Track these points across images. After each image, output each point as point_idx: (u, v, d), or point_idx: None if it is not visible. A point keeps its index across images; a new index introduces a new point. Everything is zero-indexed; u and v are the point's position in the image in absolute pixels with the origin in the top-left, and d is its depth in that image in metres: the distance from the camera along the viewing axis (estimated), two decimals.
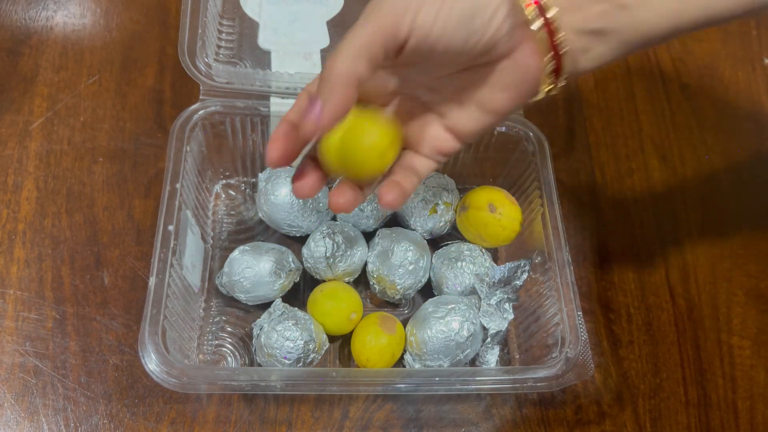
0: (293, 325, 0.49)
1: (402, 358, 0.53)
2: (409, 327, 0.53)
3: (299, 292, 0.56)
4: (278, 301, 0.51)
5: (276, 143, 0.37)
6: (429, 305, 0.52)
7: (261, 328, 0.50)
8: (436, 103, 0.41)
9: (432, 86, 0.40)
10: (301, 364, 0.49)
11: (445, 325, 0.50)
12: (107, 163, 0.59)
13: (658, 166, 0.67)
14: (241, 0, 0.58)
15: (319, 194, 0.56)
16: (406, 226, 0.58)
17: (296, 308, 0.52)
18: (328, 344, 0.52)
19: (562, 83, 0.38)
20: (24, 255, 0.55)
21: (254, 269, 0.52)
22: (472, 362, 0.53)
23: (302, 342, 0.49)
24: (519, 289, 0.52)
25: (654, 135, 0.68)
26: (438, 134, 0.42)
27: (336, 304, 0.52)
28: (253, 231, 0.59)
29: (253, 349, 0.51)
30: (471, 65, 0.38)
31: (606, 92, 0.70)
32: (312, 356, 0.50)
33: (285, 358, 0.49)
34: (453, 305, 0.52)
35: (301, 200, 0.55)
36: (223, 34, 0.58)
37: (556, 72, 0.37)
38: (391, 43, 0.34)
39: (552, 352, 0.49)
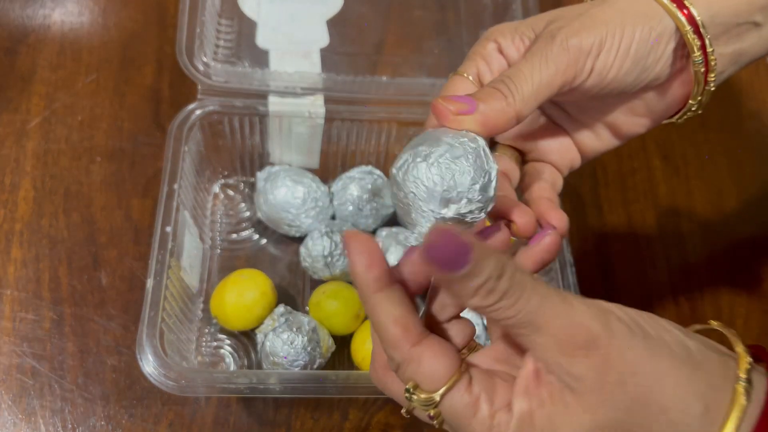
0: (298, 331, 0.49)
1: None
2: None
3: (299, 294, 0.56)
4: (280, 306, 0.51)
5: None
6: None
7: (265, 336, 0.49)
8: (566, 121, 0.39)
9: (566, 107, 0.39)
10: (307, 369, 0.49)
11: None
12: (105, 162, 0.59)
13: (661, 165, 0.66)
14: None
15: (318, 193, 0.56)
16: (405, 226, 0.58)
17: (299, 312, 0.51)
18: (334, 347, 0.52)
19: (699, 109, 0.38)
20: (21, 255, 0.54)
21: None
22: None
23: (308, 349, 0.49)
24: None
25: (656, 134, 0.68)
26: (570, 147, 0.40)
27: (341, 303, 0.52)
28: (252, 231, 0.58)
29: (258, 356, 0.51)
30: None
31: None
32: (318, 361, 0.50)
33: (292, 366, 0.48)
34: None
35: (299, 199, 0.55)
36: (222, 33, 0.58)
37: (701, 98, 0.37)
38: (567, 86, 0.33)
39: None
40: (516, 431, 0.27)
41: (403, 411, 0.30)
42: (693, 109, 0.37)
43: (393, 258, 0.53)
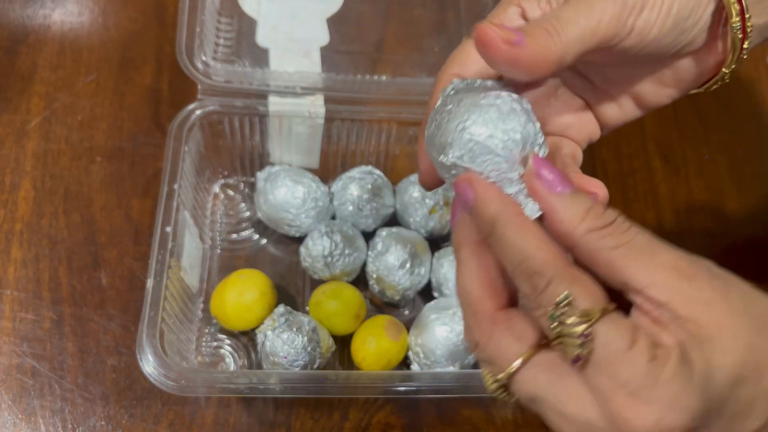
0: (298, 331, 0.49)
1: (408, 368, 0.52)
2: (411, 336, 0.52)
3: (299, 294, 0.56)
4: (280, 306, 0.51)
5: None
6: (430, 312, 0.52)
7: (265, 336, 0.49)
8: (589, 91, 0.37)
9: (590, 76, 0.37)
10: (307, 369, 0.49)
11: (450, 331, 0.50)
12: (105, 162, 0.59)
13: (661, 165, 0.66)
14: None
15: (318, 193, 0.56)
16: (406, 226, 0.58)
17: (299, 312, 0.51)
18: (334, 347, 0.52)
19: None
20: (21, 255, 0.54)
21: None
22: (476, 364, 0.53)
23: (308, 349, 0.49)
24: None
25: (656, 134, 0.68)
26: (590, 120, 0.38)
27: (341, 303, 0.52)
28: (252, 231, 0.58)
29: (259, 356, 0.51)
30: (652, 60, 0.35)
31: None
32: (318, 361, 0.50)
33: (292, 366, 0.48)
34: (454, 309, 0.51)
35: (299, 199, 0.54)
36: (221, 33, 0.58)
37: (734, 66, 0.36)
38: (606, 43, 0.31)
39: None
40: (677, 364, 0.24)
41: (495, 378, 0.27)
42: (726, 78, 0.37)
43: (393, 258, 0.53)
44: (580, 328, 0.25)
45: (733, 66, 0.36)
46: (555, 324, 0.26)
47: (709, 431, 0.25)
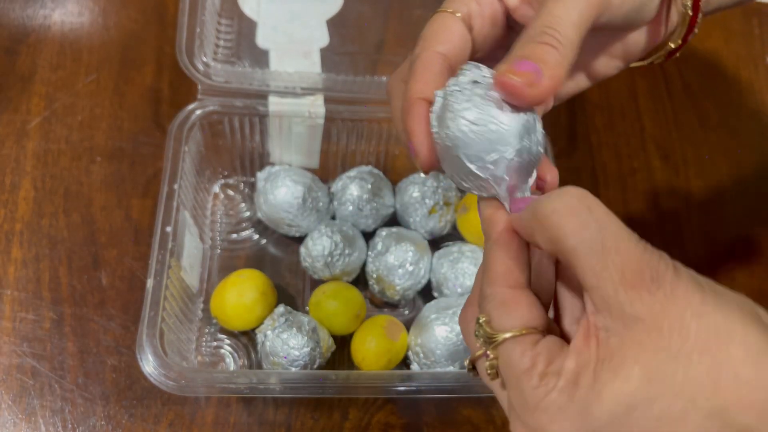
0: (298, 331, 0.49)
1: (408, 368, 0.52)
2: (411, 336, 0.52)
3: (299, 294, 0.56)
4: (280, 306, 0.51)
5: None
6: (430, 312, 0.52)
7: (265, 336, 0.49)
8: None
9: None
10: (307, 369, 0.49)
11: (450, 331, 0.50)
12: (105, 162, 0.59)
13: (660, 165, 0.66)
14: None
15: (318, 193, 0.56)
16: (406, 226, 0.58)
17: (299, 312, 0.51)
18: (334, 347, 0.52)
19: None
20: (21, 255, 0.54)
21: None
22: None
23: (308, 349, 0.49)
24: None
25: (656, 134, 0.68)
26: None
27: (341, 303, 0.52)
28: (252, 231, 0.58)
29: (258, 356, 0.51)
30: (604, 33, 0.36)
31: (608, 91, 0.70)
32: (318, 361, 0.50)
33: (292, 366, 0.48)
34: (454, 309, 0.51)
35: (300, 200, 0.55)
36: (222, 33, 0.58)
37: (683, 41, 0.36)
38: (594, 23, 0.32)
39: None
40: (562, 390, 0.25)
41: (466, 361, 0.30)
42: (677, 54, 0.37)
43: (393, 258, 0.53)
44: (485, 347, 0.28)
45: (680, 41, 0.36)
46: (477, 326, 0.28)
47: None
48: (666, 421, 0.23)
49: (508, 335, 0.27)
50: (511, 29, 0.36)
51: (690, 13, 0.35)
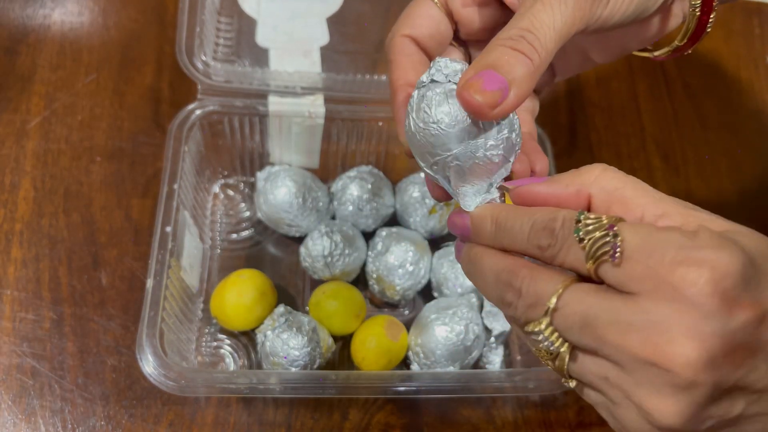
0: (298, 331, 0.49)
1: (408, 368, 0.52)
2: (411, 336, 0.52)
3: (299, 294, 0.56)
4: (280, 306, 0.51)
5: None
6: (429, 312, 0.52)
7: (265, 336, 0.49)
8: None
9: None
10: (307, 370, 0.49)
11: (450, 331, 0.50)
12: (105, 162, 0.59)
13: (660, 165, 0.66)
14: None
15: (318, 193, 0.56)
16: (406, 226, 0.58)
17: (299, 312, 0.51)
18: (334, 347, 0.52)
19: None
20: (21, 255, 0.54)
21: None
22: (476, 364, 0.53)
23: (308, 349, 0.48)
24: None
25: (656, 134, 0.68)
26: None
27: (341, 303, 0.52)
28: (252, 231, 0.58)
29: (258, 356, 0.51)
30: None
31: (608, 91, 0.70)
32: (318, 361, 0.50)
33: (292, 366, 0.48)
34: (454, 309, 0.51)
35: (300, 200, 0.54)
36: (221, 32, 0.58)
37: (693, 39, 0.36)
38: (579, 30, 0.31)
39: None
40: (707, 230, 0.25)
41: (549, 306, 0.26)
42: (687, 52, 0.37)
43: (393, 258, 0.53)
44: (606, 225, 0.25)
45: (685, 40, 0.36)
46: (582, 235, 0.25)
47: (764, 293, 0.24)
48: None
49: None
50: (503, 7, 0.36)
51: (697, 12, 0.34)
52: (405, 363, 0.53)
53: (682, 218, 0.26)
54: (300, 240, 0.56)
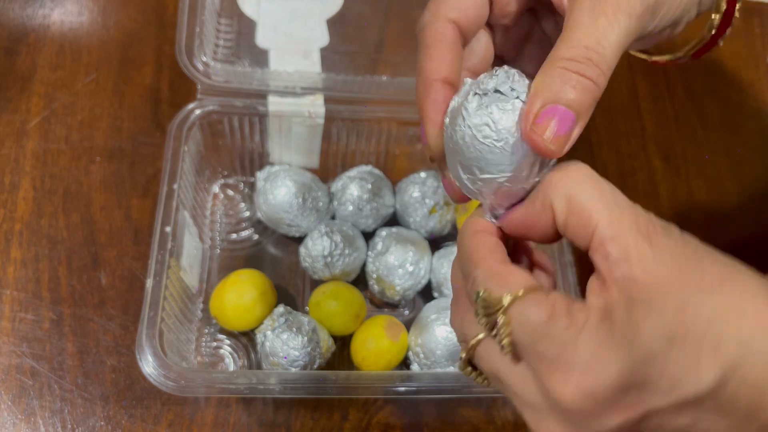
0: (298, 331, 0.49)
1: (408, 368, 0.52)
2: (411, 336, 0.52)
3: (299, 294, 0.56)
4: (280, 306, 0.51)
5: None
6: (430, 312, 0.52)
7: (265, 336, 0.49)
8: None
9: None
10: (307, 370, 0.49)
11: (450, 331, 0.50)
12: (105, 162, 0.59)
13: (661, 165, 0.66)
14: None
15: (318, 193, 0.56)
16: (406, 226, 0.58)
17: (299, 312, 0.51)
18: (334, 347, 0.51)
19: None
20: (21, 255, 0.54)
21: None
22: None
23: (308, 349, 0.48)
24: None
25: (657, 134, 0.68)
26: None
27: (341, 303, 0.52)
28: (252, 231, 0.58)
29: (258, 357, 0.51)
30: None
31: (608, 91, 0.69)
32: (318, 362, 0.50)
33: (292, 366, 0.48)
34: None
35: (300, 200, 0.54)
36: (221, 33, 0.58)
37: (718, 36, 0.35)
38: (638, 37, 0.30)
39: None
40: (596, 325, 0.24)
41: (460, 357, 0.28)
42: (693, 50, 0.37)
43: (393, 258, 0.53)
44: (495, 317, 0.26)
45: (708, 38, 0.36)
46: (479, 317, 0.27)
47: (650, 394, 0.24)
48: (705, 345, 0.23)
49: (515, 294, 0.25)
50: None
51: (724, 6, 0.34)
52: (405, 363, 0.53)
53: (624, 251, 0.24)
54: (300, 240, 0.56)
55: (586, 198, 0.26)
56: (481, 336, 0.27)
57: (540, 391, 0.25)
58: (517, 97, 0.27)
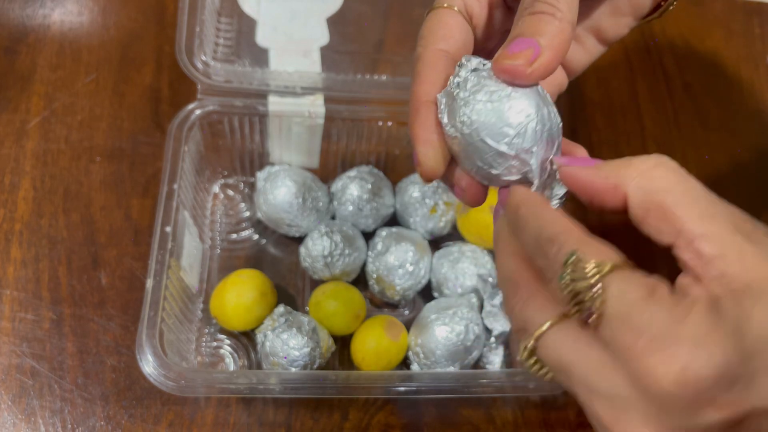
0: (298, 331, 0.49)
1: (408, 368, 0.52)
2: (411, 336, 0.52)
3: (299, 294, 0.56)
4: (280, 306, 0.51)
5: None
6: (429, 312, 0.52)
7: (265, 336, 0.49)
8: None
9: None
10: (307, 370, 0.49)
11: (450, 331, 0.50)
12: (105, 162, 0.59)
13: None
14: None
15: (318, 193, 0.56)
16: (406, 226, 0.58)
17: (299, 312, 0.51)
18: (334, 347, 0.51)
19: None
20: (21, 255, 0.54)
21: None
22: (476, 364, 0.53)
23: (308, 349, 0.48)
24: None
25: (657, 134, 0.68)
26: (557, 71, 0.37)
27: (341, 303, 0.52)
28: (252, 231, 0.58)
29: (258, 357, 0.51)
30: None
31: (608, 90, 0.70)
32: (318, 362, 0.50)
33: (292, 366, 0.48)
34: (454, 309, 0.51)
35: (300, 200, 0.54)
36: (221, 32, 0.58)
37: None
38: None
39: None
40: (703, 313, 0.22)
41: (527, 344, 0.26)
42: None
43: (393, 258, 0.53)
44: (589, 282, 0.23)
45: None
46: (565, 282, 0.24)
47: (756, 393, 0.21)
48: None
49: (616, 261, 0.24)
50: (509, 9, 0.35)
51: None
52: (405, 363, 0.53)
53: (721, 248, 0.23)
54: (300, 240, 0.56)
55: (674, 195, 0.25)
56: (549, 323, 0.25)
57: (626, 378, 0.23)
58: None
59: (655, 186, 0.25)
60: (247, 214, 0.59)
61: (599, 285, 0.23)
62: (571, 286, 0.24)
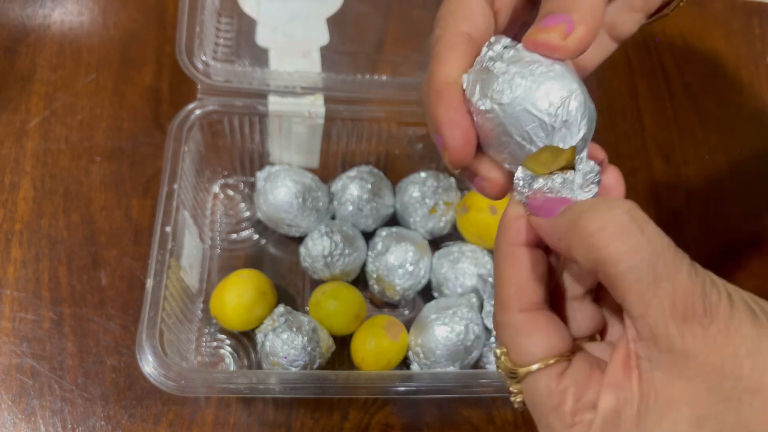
0: (298, 331, 0.49)
1: (408, 368, 0.52)
2: (411, 336, 0.52)
3: (299, 294, 0.56)
4: (280, 306, 0.51)
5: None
6: (429, 312, 0.52)
7: (265, 336, 0.49)
8: None
9: None
10: (307, 370, 0.49)
11: (450, 331, 0.50)
12: (105, 162, 0.59)
13: (661, 165, 0.66)
14: None
15: (318, 193, 0.56)
16: (406, 226, 0.58)
17: (299, 312, 0.51)
18: (334, 347, 0.51)
19: None
20: (21, 255, 0.54)
21: None
22: (476, 364, 0.53)
23: (309, 349, 0.48)
24: None
25: (657, 134, 0.68)
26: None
27: (341, 303, 0.52)
28: (252, 231, 0.58)
29: (258, 356, 0.51)
30: None
31: (608, 91, 0.70)
32: (318, 361, 0.50)
33: (292, 366, 0.48)
34: (454, 308, 0.51)
35: (300, 200, 0.54)
36: (221, 32, 0.58)
37: None
38: None
39: None
40: (600, 430, 0.23)
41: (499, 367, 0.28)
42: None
43: (393, 258, 0.53)
44: (508, 383, 0.26)
45: None
46: (496, 359, 0.27)
47: None
48: None
49: (533, 367, 0.25)
50: (530, 2, 0.33)
51: None
52: (405, 363, 0.53)
53: (651, 332, 0.22)
54: (300, 240, 0.56)
55: (614, 270, 0.23)
56: (542, 361, 0.26)
57: None
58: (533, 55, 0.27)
59: (600, 256, 0.23)
60: (247, 214, 0.59)
61: (516, 388, 0.26)
62: (499, 369, 0.27)
